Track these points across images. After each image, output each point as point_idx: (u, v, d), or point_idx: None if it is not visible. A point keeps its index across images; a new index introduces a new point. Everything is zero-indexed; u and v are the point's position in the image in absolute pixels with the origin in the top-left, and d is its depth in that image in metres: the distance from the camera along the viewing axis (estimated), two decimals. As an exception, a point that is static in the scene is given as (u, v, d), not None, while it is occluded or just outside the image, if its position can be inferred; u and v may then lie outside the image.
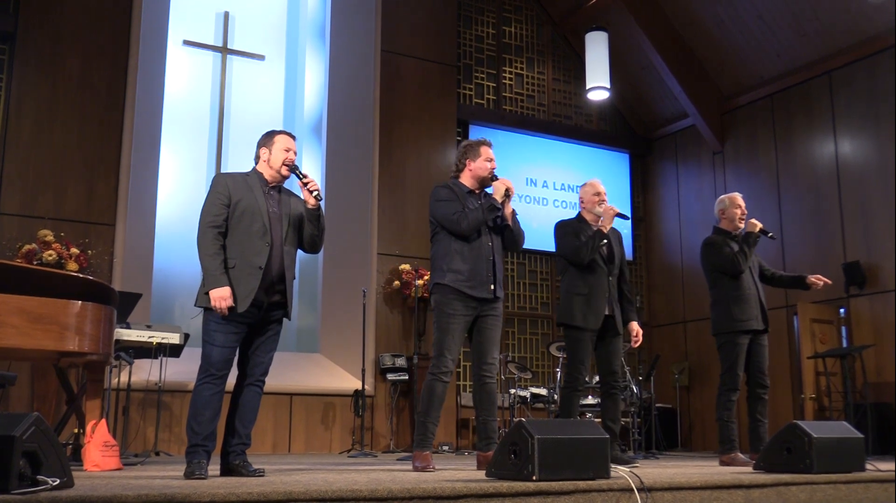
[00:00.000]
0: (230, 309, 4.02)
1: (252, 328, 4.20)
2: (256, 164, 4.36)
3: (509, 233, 4.82)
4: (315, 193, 4.22)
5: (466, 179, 4.85)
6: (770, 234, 5.85)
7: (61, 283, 4.80)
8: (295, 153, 4.35)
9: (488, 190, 4.84)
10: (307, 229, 4.34)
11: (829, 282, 5.97)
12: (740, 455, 5.57)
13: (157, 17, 9.62)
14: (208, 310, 4.10)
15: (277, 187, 4.34)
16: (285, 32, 10.94)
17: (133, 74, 9.29)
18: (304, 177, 4.25)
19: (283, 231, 4.24)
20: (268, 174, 4.31)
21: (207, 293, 4.04)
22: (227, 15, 10.48)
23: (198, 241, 4.12)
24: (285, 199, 4.34)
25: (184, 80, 10.12)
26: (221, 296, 4.00)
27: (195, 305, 4.17)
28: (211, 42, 10.38)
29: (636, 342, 5.50)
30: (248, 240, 4.13)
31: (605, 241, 5.39)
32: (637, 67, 12.22)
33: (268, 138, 4.36)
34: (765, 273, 6.01)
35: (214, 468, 4.13)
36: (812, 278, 5.87)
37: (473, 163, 4.82)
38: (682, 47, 11.53)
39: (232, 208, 4.15)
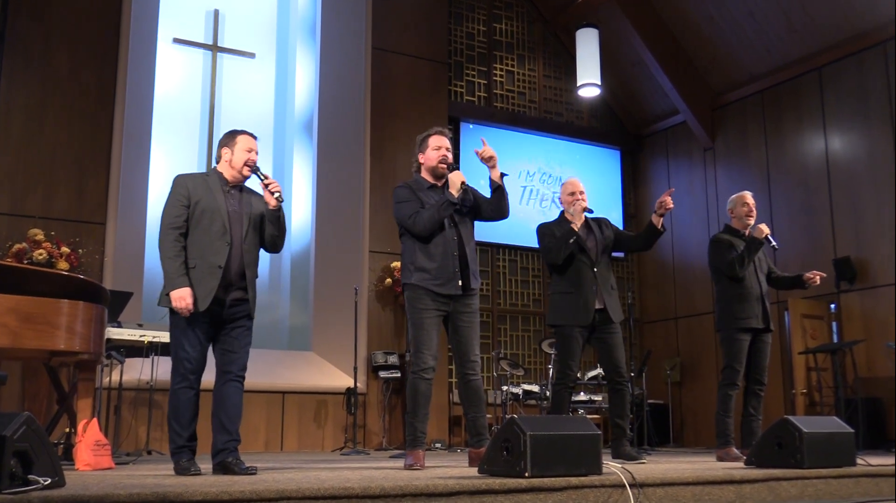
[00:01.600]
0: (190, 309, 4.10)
1: (219, 326, 4.24)
2: (217, 163, 4.41)
3: (497, 197, 4.67)
4: (276, 195, 4.26)
5: (424, 174, 4.80)
6: (773, 244, 5.88)
7: (52, 283, 4.79)
8: (257, 153, 4.39)
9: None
10: (267, 229, 4.37)
11: (824, 275, 6.05)
12: (734, 450, 5.60)
13: (147, 15, 9.58)
14: (173, 312, 4.17)
15: (238, 186, 4.38)
16: (275, 30, 10.91)
17: (123, 73, 9.25)
18: (266, 178, 4.31)
19: (244, 230, 4.28)
20: (228, 174, 4.35)
21: (168, 294, 4.12)
22: (216, 13, 10.45)
23: (159, 243, 4.19)
24: (246, 198, 4.38)
25: (174, 78, 10.09)
26: (181, 297, 4.07)
27: (158, 304, 4.25)
28: (201, 40, 10.34)
29: (666, 206, 5.27)
30: (208, 240, 4.18)
31: (573, 238, 5.36)
32: (628, 64, 12.24)
33: (230, 138, 4.40)
34: (771, 275, 6.08)
35: (207, 467, 4.14)
36: (807, 275, 5.93)
37: (423, 155, 4.78)
38: (673, 44, 11.55)
39: (192, 209, 4.21)
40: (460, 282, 4.59)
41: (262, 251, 4.45)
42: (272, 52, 10.83)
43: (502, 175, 4.68)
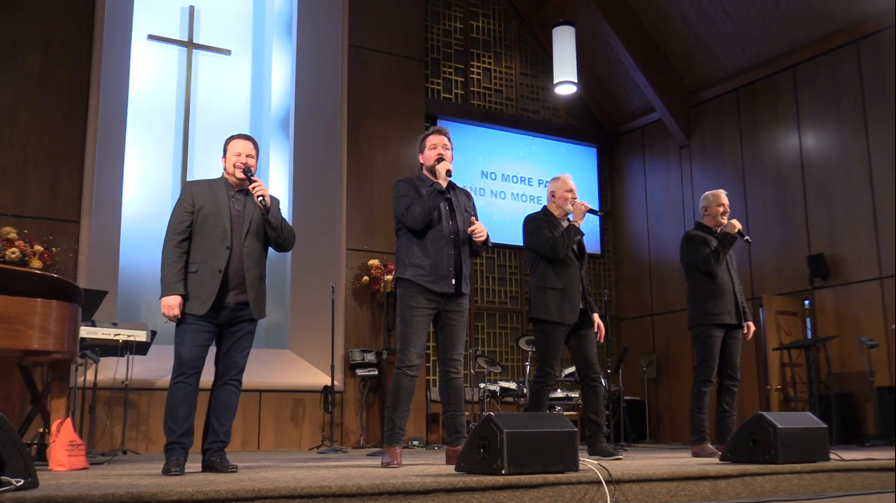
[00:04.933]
0: (185, 312, 4.19)
1: (223, 328, 4.31)
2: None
3: (476, 249, 4.87)
4: (260, 199, 4.28)
5: (426, 173, 4.87)
6: (746, 238, 5.91)
7: (25, 281, 4.74)
8: (249, 155, 4.41)
9: (453, 180, 4.83)
10: (267, 230, 4.40)
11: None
12: (709, 446, 5.63)
13: (121, 11, 9.50)
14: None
15: (244, 191, 4.43)
16: (251, 27, 10.85)
17: (97, 69, 9.17)
18: (252, 181, 4.34)
19: (244, 233, 4.32)
20: (230, 179, 4.43)
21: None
22: (192, 9, 10.37)
23: (162, 248, 4.27)
24: (250, 202, 4.41)
25: (149, 75, 10.01)
26: (168, 305, 4.17)
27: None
28: (176, 36, 10.27)
29: (599, 335, 5.53)
30: (210, 244, 4.25)
31: (580, 236, 5.41)
32: (604, 62, 12.28)
33: (224, 145, 4.49)
34: None
35: (197, 466, 4.17)
36: None
37: (422, 156, 4.88)
38: (649, 42, 11.61)
39: (195, 215, 4.28)
40: (453, 282, 4.63)
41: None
42: (248, 49, 10.77)
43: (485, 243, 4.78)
